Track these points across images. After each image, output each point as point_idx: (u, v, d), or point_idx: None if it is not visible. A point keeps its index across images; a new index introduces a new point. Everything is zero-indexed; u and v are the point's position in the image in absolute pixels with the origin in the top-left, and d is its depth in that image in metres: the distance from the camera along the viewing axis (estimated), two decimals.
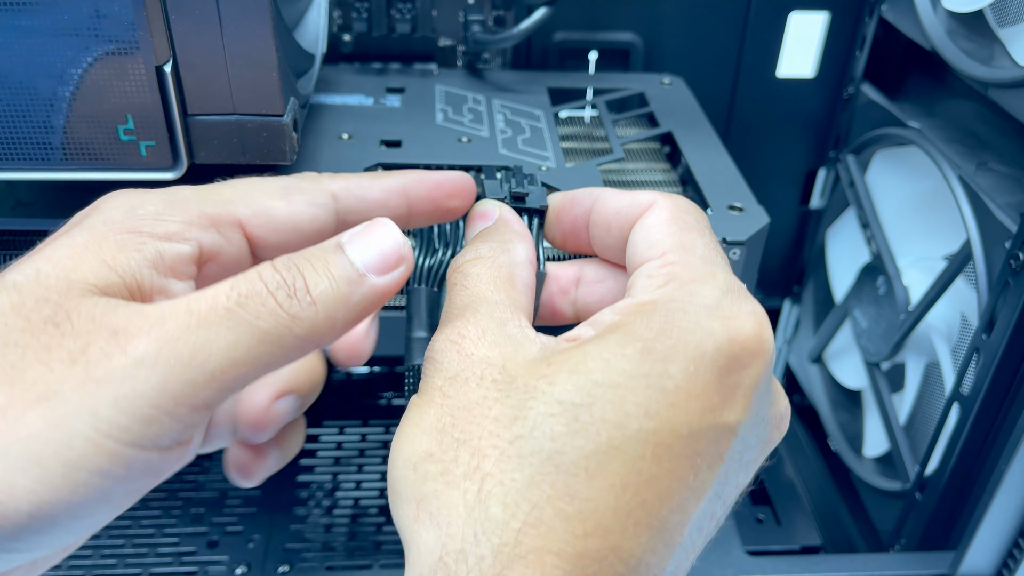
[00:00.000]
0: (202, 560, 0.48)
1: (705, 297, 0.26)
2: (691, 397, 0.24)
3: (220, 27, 0.31)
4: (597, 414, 0.24)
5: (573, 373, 0.24)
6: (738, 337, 0.25)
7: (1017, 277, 0.42)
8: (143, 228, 0.26)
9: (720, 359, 0.25)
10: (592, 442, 0.23)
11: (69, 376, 0.22)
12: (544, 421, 0.24)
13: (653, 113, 0.52)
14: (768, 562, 0.49)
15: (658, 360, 0.24)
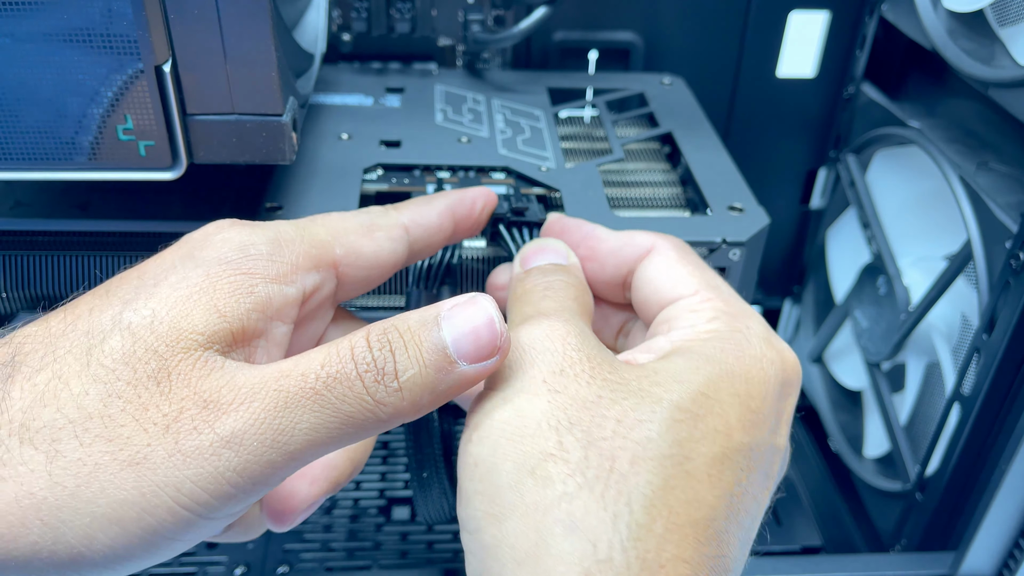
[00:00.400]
0: (201, 560, 0.48)
1: (758, 330, 0.29)
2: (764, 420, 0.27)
3: (219, 27, 0.31)
4: (711, 424, 0.25)
5: (682, 383, 0.26)
6: (787, 367, 0.28)
7: (1018, 277, 0.42)
8: (255, 270, 0.26)
9: (778, 385, 0.28)
10: (711, 449, 0.25)
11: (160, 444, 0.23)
12: (671, 426, 0.25)
13: (653, 113, 0.52)
14: (768, 562, 0.49)
15: (742, 381, 0.27)
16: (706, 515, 0.24)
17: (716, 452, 0.25)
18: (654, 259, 0.31)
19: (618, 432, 0.24)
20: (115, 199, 0.40)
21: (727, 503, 0.25)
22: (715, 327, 0.28)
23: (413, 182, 0.43)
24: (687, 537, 0.23)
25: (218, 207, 0.40)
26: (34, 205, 0.39)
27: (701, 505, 0.24)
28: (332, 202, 0.40)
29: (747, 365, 0.27)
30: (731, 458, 0.25)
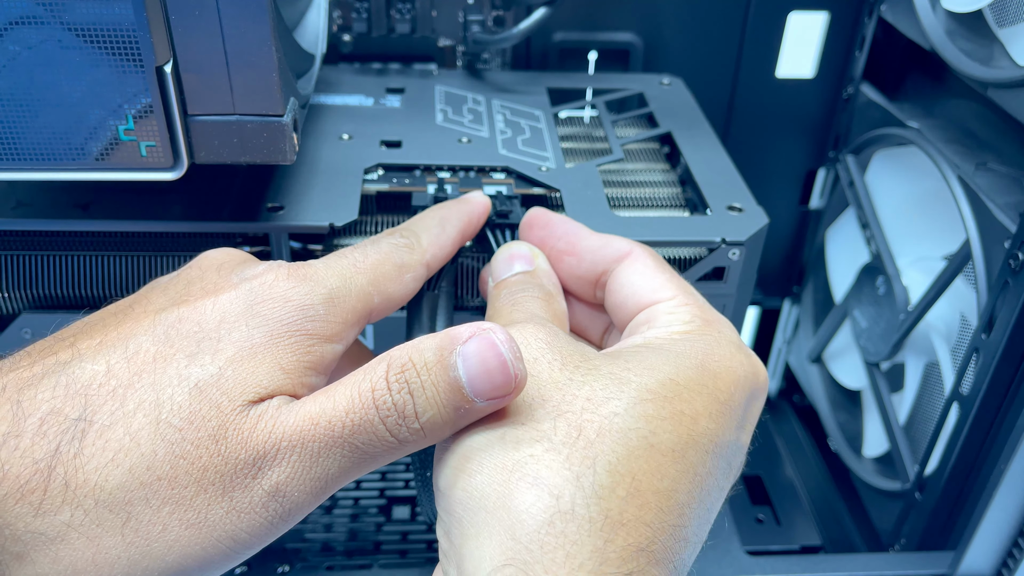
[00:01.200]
0: None
1: (729, 336, 0.30)
2: (732, 412, 0.28)
3: (220, 28, 0.31)
4: (677, 407, 0.27)
5: (651, 370, 0.28)
6: (758, 371, 0.30)
7: (1016, 277, 0.42)
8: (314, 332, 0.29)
9: (748, 386, 0.29)
10: (678, 429, 0.26)
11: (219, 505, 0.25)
12: (637, 405, 0.26)
13: (652, 113, 0.52)
14: (768, 562, 0.49)
15: (711, 376, 0.28)
16: (668, 487, 0.25)
17: (681, 433, 0.26)
18: (633, 264, 0.34)
19: (587, 408, 0.26)
20: (116, 199, 0.40)
21: (690, 480, 0.26)
22: (689, 328, 0.30)
23: (414, 182, 0.43)
24: (649, 503, 0.25)
25: (219, 207, 0.40)
26: (35, 205, 0.39)
27: (664, 477, 0.25)
28: (333, 202, 0.40)
29: (717, 363, 0.29)
30: (696, 441, 0.27)
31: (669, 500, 0.25)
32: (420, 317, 0.36)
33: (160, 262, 0.41)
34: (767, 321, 0.74)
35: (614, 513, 0.24)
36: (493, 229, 0.40)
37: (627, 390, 0.27)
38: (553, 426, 0.26)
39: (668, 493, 0.25)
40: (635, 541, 0.24)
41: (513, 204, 0.41)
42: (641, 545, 0.24)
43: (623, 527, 0.24)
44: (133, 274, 0.41)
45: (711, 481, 0.27)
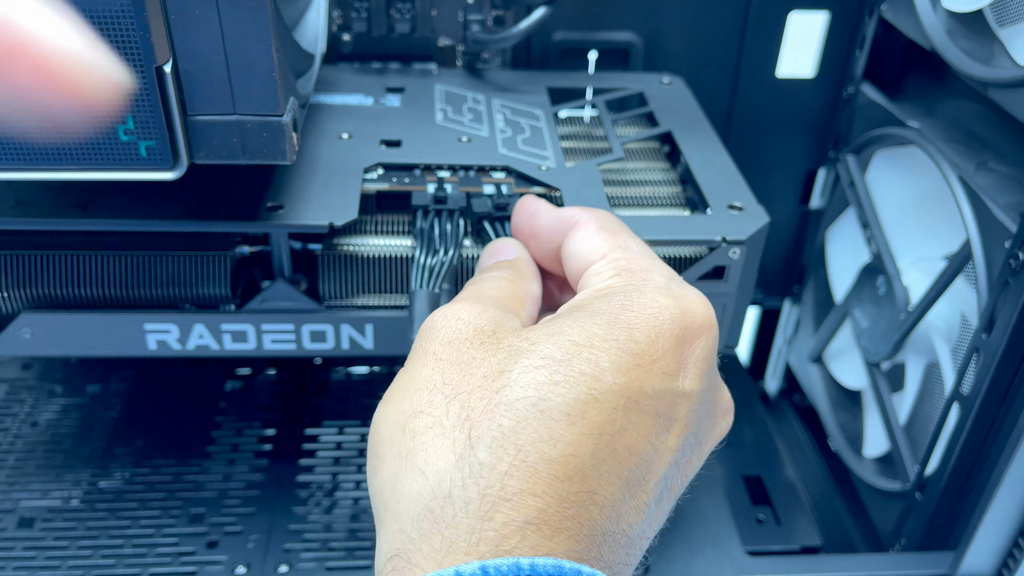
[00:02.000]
0: (201, 560, 0.48)
1: (655, 281, 0.30)
2: (653, 360, 0.27)
3: (220, 27, 0.31)
4: (576, 368, 0.26)
5: (552, 335, 0.27)
6: (689, 311, 0.29)
7: (1017, 277, 0.42)
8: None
9: (675, 329, 0.28)
10: (573, 391, 0.26)
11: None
12: (528, 372, 0.26)
13: (653, 113, 0.52)
14: (768, 562, 0.49)
15: (624, 328, 0.28)
16: (564, 452, 0.25)
17: (579, 394, 0.26)
18: (576, 232, 0.33)
19: (481, 386, 0.26)
20: (116, 198, 0.40)
21: (593, 441, 0.25)
22: (611, 283, 0.30)
23: (413, 181, 0.43)
24: (538, 473, 0.24)
25: (218, 207, 0.40)
26: (35, 204, 0.39)
27: (557, 443, 0.25)
28: (333, 202, 0.40)
29: (632, 312, 0.28)
30: (599, 399, 0.26)
31: (566, 466, 0.25)
32: (422, 314, 0.36)
33: (160, 262, 0.41)
34: (767, 321, 0.74)
35: (494, 489, 0.24)
36: (492, 222, 0.41)
37: (520, 360, 0.26)
38: (446, 411, 0.26)
39: (563, 460, 0.25)
40: (520, 515, 0.24)
41: (512, 197, 0.41)
42: (528, 518, 0.24)
43: (505, 502, 0.24)
44: (133, 274, 0.41)
45: (629, 438, 0.26)
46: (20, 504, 0.51)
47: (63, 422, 0.58)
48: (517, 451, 0.25)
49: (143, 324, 0.41)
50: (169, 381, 0.62)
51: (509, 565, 0.23)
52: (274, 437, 0.57)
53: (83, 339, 0.42)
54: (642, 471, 0.26)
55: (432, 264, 0.39)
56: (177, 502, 0.52)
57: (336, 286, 0.42)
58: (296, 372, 0.63)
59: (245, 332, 0.42)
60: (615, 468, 0.26)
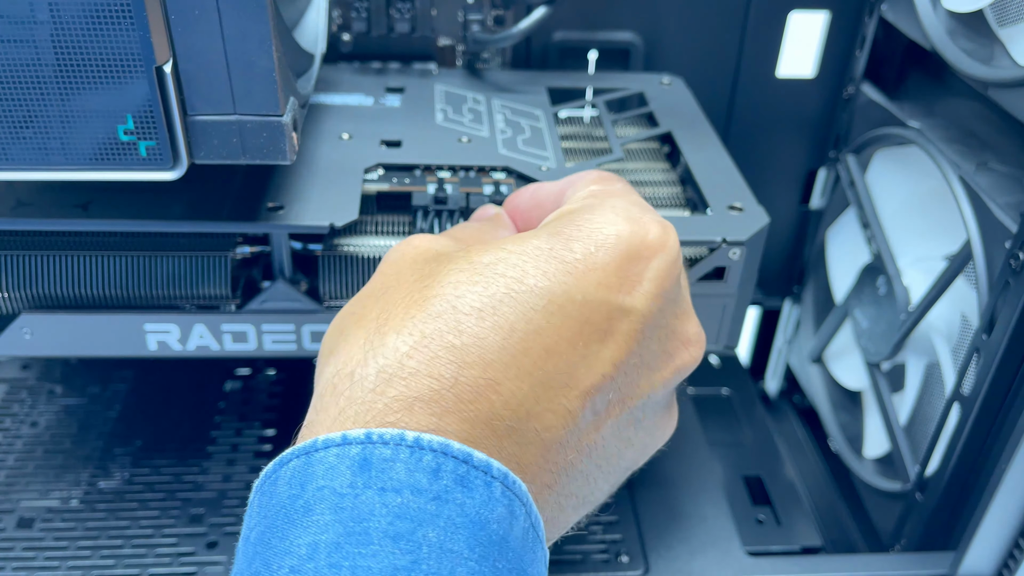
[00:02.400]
0: (201, 560, 0.48)
1: (616, 204, 0.30)
2: (588, 270, 0.27)
3: (220, 27, 0.31)
4: (499, 270, 0.27)
5: (487, 245, 0.28)
6: (641, 232, 0.28)
7: (1017, 277, 0.42)
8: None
9: (621, 245, 0.28)
10: (489, 289, 0.26)
11: None
12: (451, 274, 0.27)
13: (653, 113, 0.52)
14: (768, 563, 0.49)
15: (563, 239, 0.28)
16: (468, 342, 0.25)
17: (494, 291, 0.26)
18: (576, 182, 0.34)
19: (409, 290, 0.27)
20: (116, 199, 0.40)
21: (503, 336, 0.25)
22: (572, 206, 0.30)
23: (414, 182, 0.43)
24: (438, 358, 0.25)
25: (219, 207, 0.40)
26: (35, 205, 0.39)
27: (463, 334, 0.25)
28: (333, 202, 0.40)
29: (578, 228, 0.28)
30: (515, 298, 0.26)
31: (467, 354, 0.25)
32: None
33: (160, 262, 0.41)
34: (768, 321, 0.74)
35: (391, 368, 0.25)
36: None
37: (448, 265, 0.27)
38: (372, 307, 0.27)
39: (466, 347, 0.25)
40: (412, 392, 0.24)
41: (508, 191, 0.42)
42: (419, 395, 0.24)
43: (400, 380, 0.24)
44: (133, 274, 0.41)
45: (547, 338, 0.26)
46: (19, 504, 0.51)
47: (63, 422, 0.58)
48: (422, 337, 0.25)
49: (143, 324, 0.41)
50: (169, 381, 0.62)
51: (393, 434, 0.23)
52: (274, 437, 0.57)
53: (83, 339, 0.42)
54: (563, 376, 0.26)
55: None
56: (177, 502, 0.52)
57: (336, 286, 0.42)
58: (296, 372, 0.63)
59: (245, 332, 0.42)
60: (526, 365, 0.25)
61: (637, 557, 0.49)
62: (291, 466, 0.24)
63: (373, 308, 0.27)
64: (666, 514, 0.52)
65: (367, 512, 0.22)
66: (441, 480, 0.23)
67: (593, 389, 0.27)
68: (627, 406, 0.29)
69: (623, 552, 0.49)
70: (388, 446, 0.23)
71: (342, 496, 0.22)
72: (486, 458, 0.24)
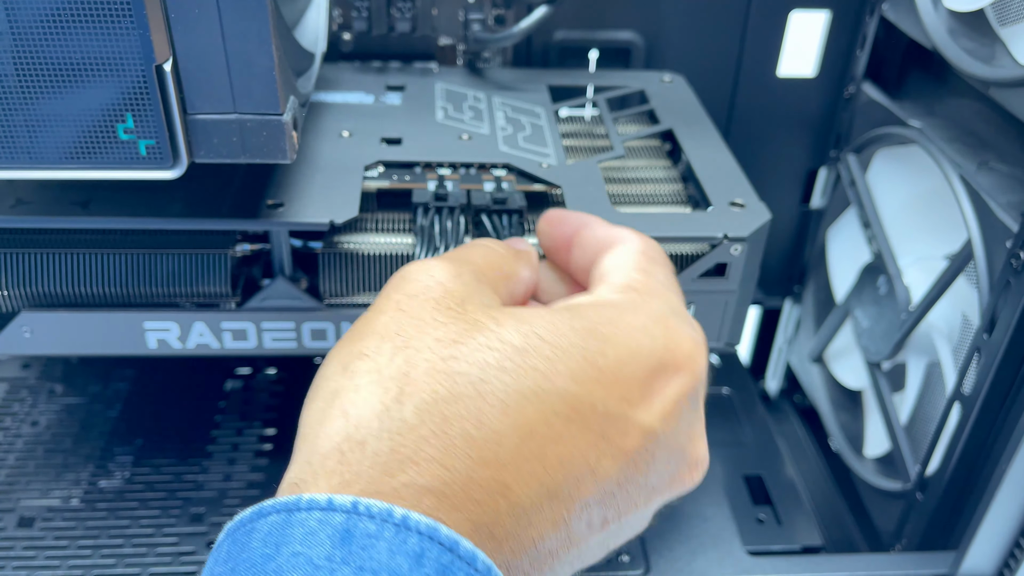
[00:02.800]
0: (202, 560, 0.48)
1: (656, 309, 0.28)
2: (616, 382, 0.26)
3: (220, 26, 0.31)
4: (530, 361, 0.25)
5: (520, 323, 0.26)
6: (673, 348, 0.27)
7: (1018, 277, 0.42)
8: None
9: (652, 361, 0.27)
10: (517, 382, 0.25)
11: None
12: (481, 351, 0.25)
13: (654, 110, 0.52)
14: (769, 562, 0.49)
15: (598, 340, 0.26)
16: (487, 437, 0.24)
17: (523, 387, 0.25)
18: (618, 247, 0.32)
19: (431, 347, 0.25)
20: (116, 196, 0.40)
21: (521, 437, 0.24)
22: (612, 297, 0.29)
23: (414, 179, 0.43)
24: (455, 448, 0.24)
25: (219, 204, 0.40)
26: (35, 203, 0.39)
27: (483, 427, 0.24)
28: (333, 199, 0.40)
29: (615, 329, 0.27)
30: (541, 397, 0.25)
31: (483, 451, 0.24)
32: None
33: (160, 260, 0.41)
34: (768, 321, 0.74)
35: (406, 450, 0.23)
36: (490, 215, 0.41)
37: (477, 337, 0.25)
38: (390, 360, 0.25)
39: (484, 443, 0.24)
40: (424, 480, 0.23)
41: (511, 191, 0.42)
42: (431, 487, 0.23)
43: (414, 465, 0.23)
44: (133, 272, 0.41)
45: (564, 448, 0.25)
46: (20, 503, 0.51)
47: (63, 421, 0.58)
48: (442, 420, 0.24)
49: (143, 323, 0.41)
50: (169, 381, 0.62)
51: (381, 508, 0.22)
52: (274, 437, 0.57)
53: (83, 338, 0.41)
54: (569, 488, 0.25)
55: None
56: (177, 502, 0.52)
57: (337, 284, 0.42)
58: (296, 371, 0.63)
59: (245, 330, 0.42)
60: (538, 472, 0.24)
61: (638, 557, 0.49)
62: (269, 520, 0.22)
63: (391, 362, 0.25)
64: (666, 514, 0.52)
65: None
66: (423, 568, 0.21)
67: (593, 503, 0.26)
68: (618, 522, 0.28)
69: (624, 552, 0.49)
70: (374, 520, 0.22)
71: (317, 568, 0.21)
72: (472, 548, 0.22)
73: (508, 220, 0.41)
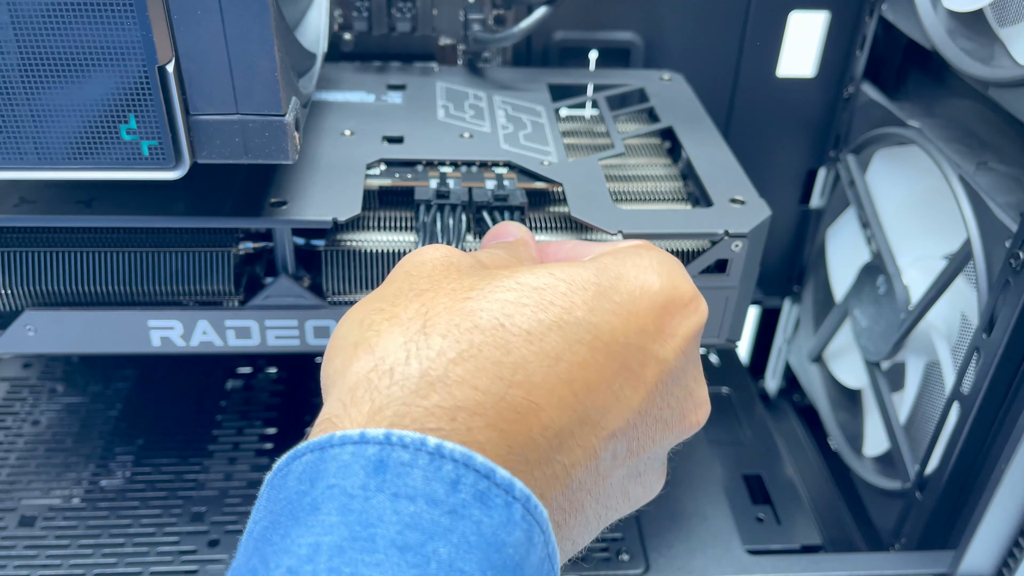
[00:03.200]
0: (203, 559, 0.48)
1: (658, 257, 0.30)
2: (631, 315, 0.27)
3: (222, 27, 0.31)
4: (548, 297, 0.26)
5: (534, 269, 0.27)
6: (679, 288, 0.29)
7: (1017, 276, 0.42)
8: None
9: (661, 297, 0.28)
10: (538, 314, 0.25)
11: None
12: (497, 291, 0.26)
13: (653, 109, 0.52)
14: (768, 561, 0.49)
15: (610, 277, 0.27)
16: (515, 360, 0.24)
17: (544, 317, 0.25)
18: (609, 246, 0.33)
19: (451, 298, 0.26)
20: (119, 195, 0.40)
21: (549, 362, 0.25)
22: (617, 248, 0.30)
23: (416, 177, 0.43)
24: (485, 370, 0.24)
25: (222, 203, 0.40)
26: (39, 202, 0.39)
27: (510, 352, 0.24)
28: (335, 197, 0.40)
29: (624, 267, 0.28)
30: (563, 328, 0.25)
31: (514, 373, 0.24)
32: None
33: (163, 258, 0.41)
34: (767, 320, 0.74)
35: (436, 371, 0.23)
36: (491, 212, 0.41)
37: (493, 282, 0.26)
38: (406, 306, 0.26)
39: (513, 366, 0.24)
40: (456, 402, 0.23)
41: (511, 187, 0.42)
42: (462, 405, 0.23)
43: (444, 385, 0.23)
44: (136, 270, 0.41)
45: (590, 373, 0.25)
46: (21, 503, 0.51)
47: (64, 421, 0.58)
48: (469, 345, 0.24)
49: (147, 321, 0.41)
50: (170, 380, 0.62)
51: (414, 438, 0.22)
52: (275, 436, 0.57)
53: (87, 336, 0.42)
54: (597, 414, 0.25)
55: None
56: (178, 501, 0.52)
57: (339, 282, 0.42)
58: (297, 371, 0.63)
59: (249, 328, 0.42)
60: (568, 396, 0.25)
61: (637, 555, 0.49)
62: (304, 460, 0.23)
63: (407, 307, 0.26)
64: (666, 513, 0.52)
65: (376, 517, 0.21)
66: (459, 493, 0.21)
67: (618, 432, 0.26)
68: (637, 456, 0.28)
69: (623, 550, 0.49)
70: (407, 450, 0.22)
71: (352, 497, 0.21)
72: (509, 476, 0.22)
73: (510, 217, 0.41)
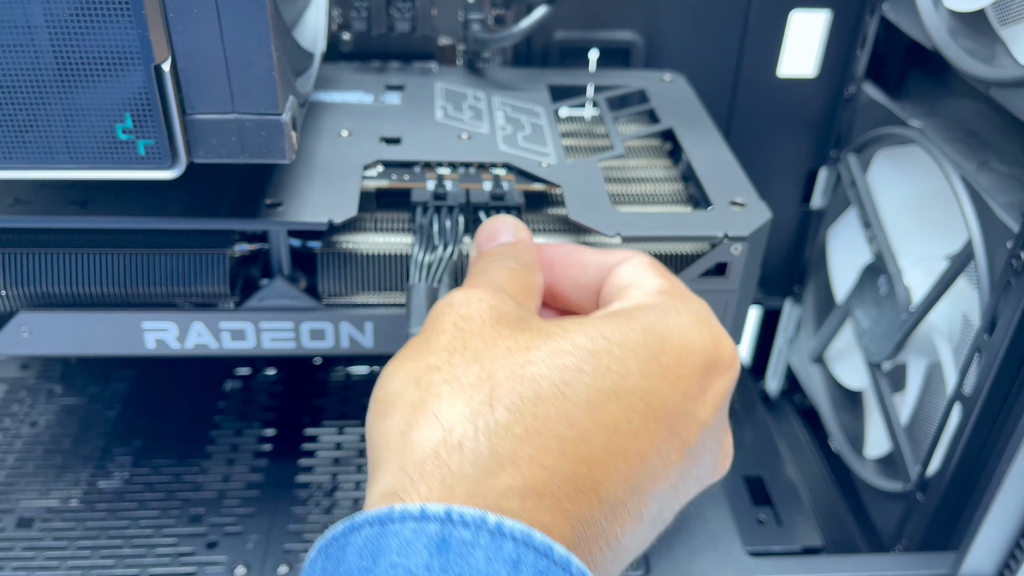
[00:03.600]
0: (201, 561, 0.48)
1: (695, 310, 0.29)
2: (679, 378, 0.27)
3: (219, 26, 0.31)
4: (603, 362, 0.26)
5: (585, 327, 0.27)
6: (720, 346, 0.29)
7: (1019, 277, 0.42)
8: None
9: (704, 357, 0.28)
10: (597, 382, 0.25)
11: None
12: (556, 356, 0.26)
13: (654, 110, 0.52)
14: (769, 563, 0.49)
15: (657, 339, 0.27)
16: (578, 435, 0.24)
17: (602, 386, 0.25)
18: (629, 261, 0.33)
19: (506, 356, 0.26)
20: (114, 196, 0.40)
21: (608, 434, 0.25)
22: (652, 300, 0.30)
23: (413, 178, 0.43)
24: (550, 447, 0.24)
25: (218, 204, 0.40)
26: (33, 202, 0.39)
27: (573, 425, 0.25)
28: (332, 199, 0.40)
29: (668, 328, 0.28)
30: (620, 396, 0.26)
31: (577, 448, 0.24)
32: (420, 309, 0.36)
33: (159, 259, 0.40)
34: (768, 321, 0.74)
35: (505, 449, 0.24)
36: (488, 212, 0.41)
37: (549, 342, 0.26)
38: (466, 370, 0.26)
39: (576, 441, 0.24)
40: (525, 482, 0.23)
41: (509, 189, 0.42)
42: (531, 486, 0.23)
43: (513, 465, 0.23)
44: (131, 271, 0.40)
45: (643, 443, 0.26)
46: (19, 504, 0.51)
47: (62, 422, 0.58)
48: (535, 420, 0.24)
49: (141, 323, 0.41)
50: (168, 381, 0.62)
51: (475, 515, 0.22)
52: (273, 437, 0.57)
53: (81, 338, 0.41)
54: (647, 481, 0.26)
55: (431, 260, 0.39)
56: (176, 502, 0.52)
57: (335, 284, 0.42)
58: (295, 372, 0.63)
59: (244, 330, 0.42)
60: (623, 468, 0.25)
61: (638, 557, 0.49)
62: (363, 534, 0.23)
63: (467, 371, 0.26)
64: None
65: None
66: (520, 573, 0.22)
67: (662, 495, 0.27)
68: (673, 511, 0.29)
69: None
70: (469, 528, 0.22)
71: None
72: (566, 553, 0.23)
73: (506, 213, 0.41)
